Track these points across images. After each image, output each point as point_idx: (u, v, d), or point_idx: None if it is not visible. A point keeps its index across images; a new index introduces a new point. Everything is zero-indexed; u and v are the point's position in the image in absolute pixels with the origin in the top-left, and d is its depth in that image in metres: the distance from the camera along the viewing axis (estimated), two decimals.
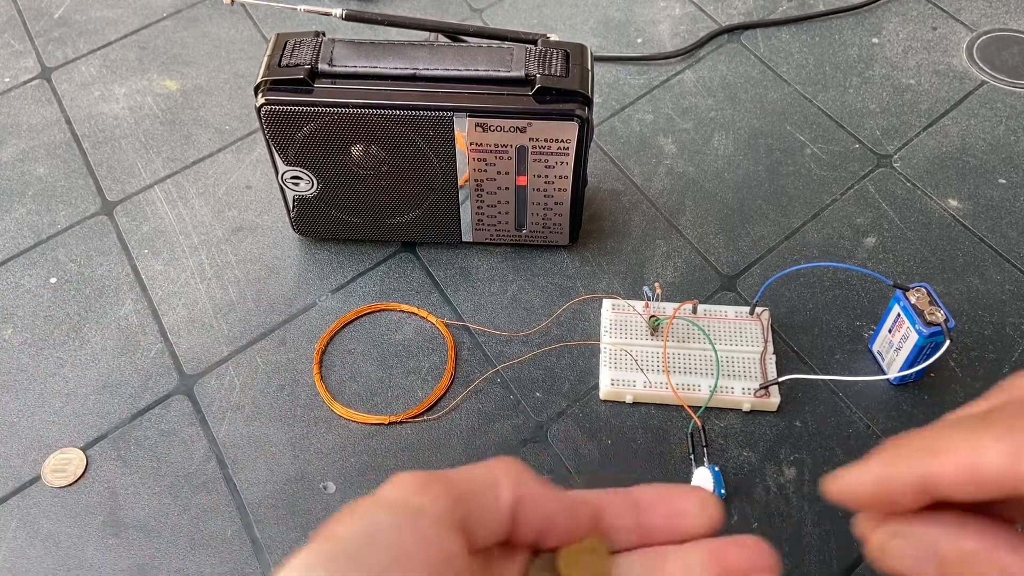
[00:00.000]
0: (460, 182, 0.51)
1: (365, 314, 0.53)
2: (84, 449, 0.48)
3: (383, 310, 0.54)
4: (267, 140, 0.49)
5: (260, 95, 0.47)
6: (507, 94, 0.47)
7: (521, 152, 0.49)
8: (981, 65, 0.67)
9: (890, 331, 0.49)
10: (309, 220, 0.55)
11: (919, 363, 0.47)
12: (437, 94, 0.47)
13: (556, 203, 0.52)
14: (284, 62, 0.47)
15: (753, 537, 0.24)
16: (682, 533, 0.25)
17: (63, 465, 0.47)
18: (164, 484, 0.47)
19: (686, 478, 0.46)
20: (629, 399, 0.49)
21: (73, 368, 0.52)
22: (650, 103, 0.65)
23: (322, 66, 0.47)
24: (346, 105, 0.47)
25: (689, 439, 0.48)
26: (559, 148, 0.49)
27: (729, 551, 0.24)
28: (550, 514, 0.24)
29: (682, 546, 0.25)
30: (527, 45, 0.49)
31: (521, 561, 0.25)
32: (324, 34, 0.49)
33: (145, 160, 0.62)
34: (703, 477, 0.45)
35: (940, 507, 0.24)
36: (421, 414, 0.49)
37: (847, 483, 0.25)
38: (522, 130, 0.48)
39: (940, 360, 0.46)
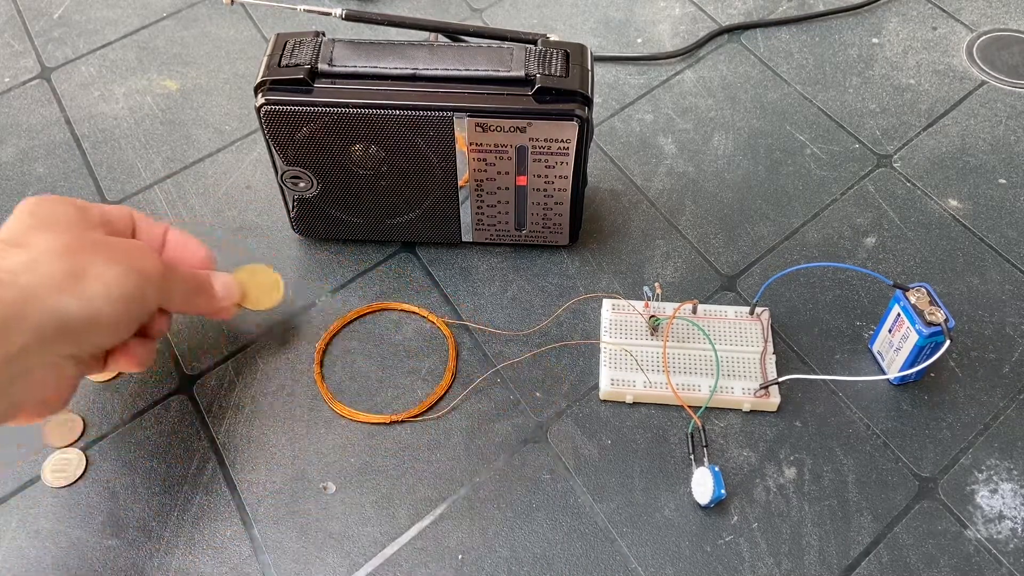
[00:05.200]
0: (460, 183, 0.51)
1: (365, 314, 0.53)
2: (84, 449, 0.48)
3: (383, 310, 0.54)
4: (267, 140, 0.49)
5: (260, 95, 0.47)
6: (507, 94, 0.47)
7: (521, 152, 0.49)
8: (981, 65, 0.67)
9: (890, 331, 0.49)
10: (309, 220, 0.55)
11: (919, 363, 0.47)
12: (437, 94, 0.47)
13: (556, 203, 0.52)
14: (284, 62, 0.47)
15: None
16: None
17: (63, 465, 0.47)
18: (164, 484, 0.47)
19: (686, 478, 0.46)
20: (629, 399, 0.49)
21: None
22: (650, 103, 0.65)
23: (322, 66, 0.47)
24: (346, 105, 0.47)
25: (689, 439, 0.48)
26: (559, 148, 0.49)
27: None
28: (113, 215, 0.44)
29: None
30: (527, 45, 0.49)
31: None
32: (324, 34, 0.49)
33: (145, 160, 0.62)
34: (703, 477, 0.45)
35: None
36: (421, 414, 0.49)
37: None
38: (522, 130, 0.48)
39: (940, 360, 0.46)
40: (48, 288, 0.36)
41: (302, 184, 0.52)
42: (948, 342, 0.45)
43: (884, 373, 0.50)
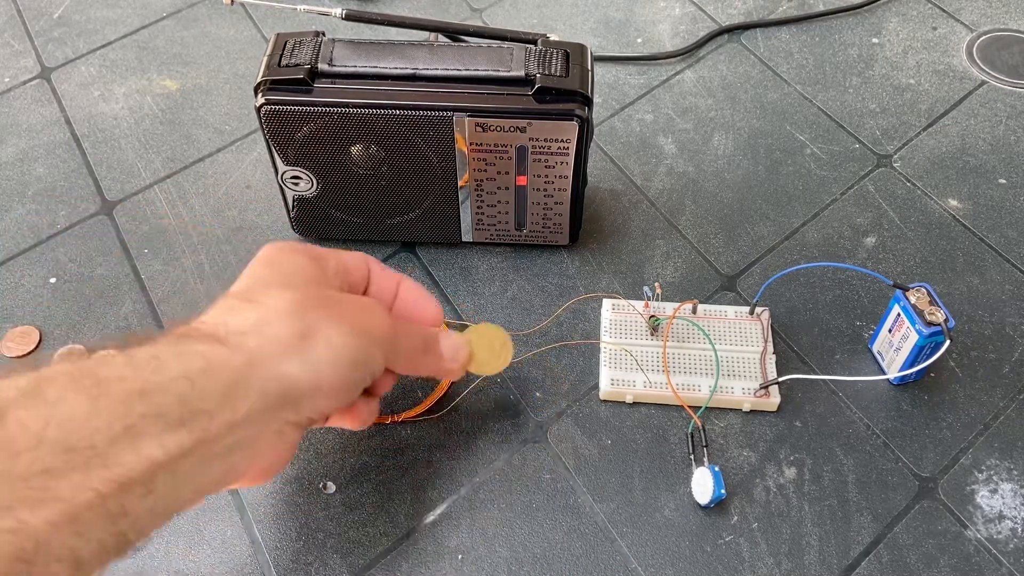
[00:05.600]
0: (460, 183, 0.51)
1: None
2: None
3: None
4: (267, 140, 0.49)
5: (260, 95, 0.47)
6: (507, 94, 0.47)
7: (521, 152, 0.49)
8: (981, 65, 0.67)
9: (890, 331, 0.49)
10: (309, 220, 0.55)
11: (919, 363, 0.47)
12: (437, 94, 0.47)
13: (556, 203, 0.52)
14: (284, 62, 0.47)
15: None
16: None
17: None
18: None
19: (686, 478, 0.46)
20: (629, 399, 0.49)
21: None
22: (650, 103, 0.65)
23: (322, 66, 0.47)
24: (346, 105, 0.47)
25: (689, 439, 0.48)
26: (559, 148, 0.49)
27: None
28: (359, 272, 0.43)
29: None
30: (527, 45, 0.49)
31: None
32: (324, 34, 0.49)
33: (145, 160, 0.62)
34: (703, 477, 0.45)
35: None
36: (421, 414, 0.49)
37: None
38: (522, 130, 0.48)
39: (940, 360, 0.46)
40: (275, 353, 0.34)
41: (302, 184, 0.52)
42: (948, 342, 0.45)
43: (884, 373, 0.50)
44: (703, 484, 0.45)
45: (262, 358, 0.34)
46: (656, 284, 0.52)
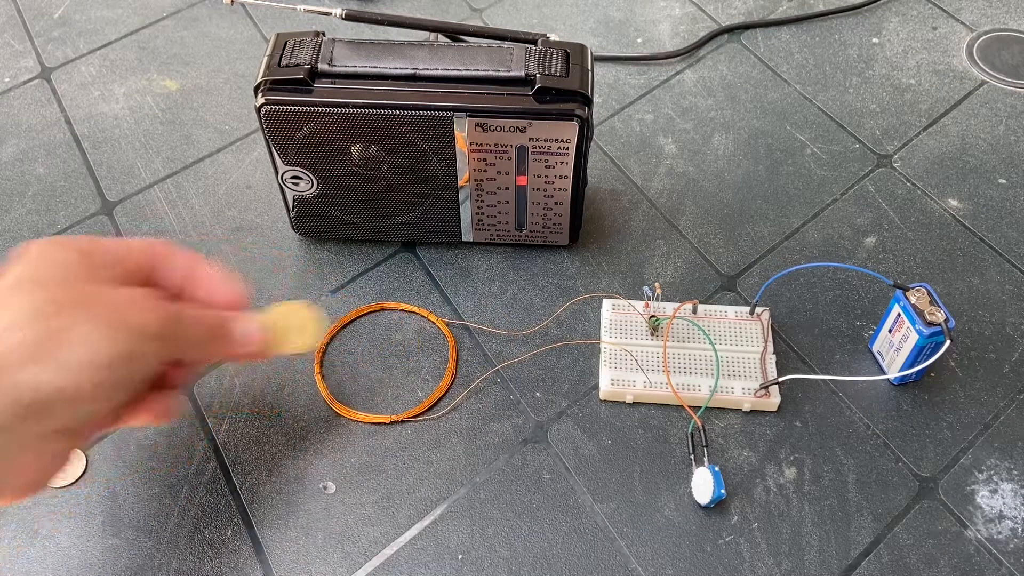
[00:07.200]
0: (460, 183, 0.51)
1: (365, 314, 0.53)
2: (84, 449, 0.48)
3: (383, 310, 0.54)
4: (267, 140, 0.49)
5: (260, 95, 0.47)
6: (507, 94, 0.47)
7: (521, 152, 0.49)
8: (981, 65, 0.67)
9: (890, 331, 0.49)
10: (309, 220, 0.55)
11: (919, 363, 0.47)
12: (437, 94, 0.47)
13: (556, 203, 0.52)
14: (284, 62, 0.47)
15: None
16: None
17: None
18: (164, 484, 0.47)
19: (686, 478, 0.46)
20: (629, 399, 0.49)
21: None
22: (650, 103, 0.65)
23: (322, 66, 0.47)
24: (346, 105, 0.47)
25: (689, 439, 0.48)
26: (559, 148, 0.49)
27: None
28: (121, 254, 0.39)
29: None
30: (527, 45, 0.49)
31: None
32: (324, 34, 0.49)
33: (145, 160, 0.62)
34: (703, 477, 0.45)
35: None
36: (421, 414, 0.49)
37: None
38: (522, 130, 0.48)
39: (940, 360, 0.46)
40: (21, 359, 0.32)
41: (302, 184, 0.52)
42: (948, 342, 0.45)
43: (884, 373, 0.50)
44: (703, 484, 0.45)
45: (6, 366, 0.32)
46: (656, 284, 0.52)
